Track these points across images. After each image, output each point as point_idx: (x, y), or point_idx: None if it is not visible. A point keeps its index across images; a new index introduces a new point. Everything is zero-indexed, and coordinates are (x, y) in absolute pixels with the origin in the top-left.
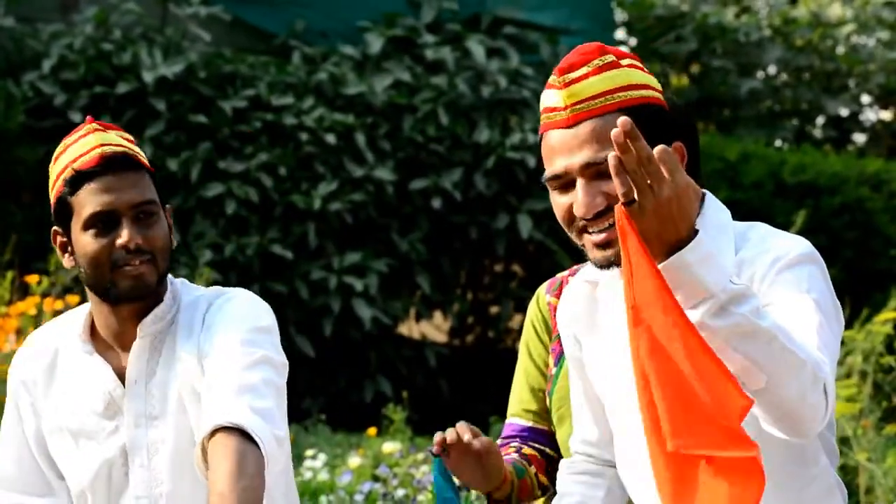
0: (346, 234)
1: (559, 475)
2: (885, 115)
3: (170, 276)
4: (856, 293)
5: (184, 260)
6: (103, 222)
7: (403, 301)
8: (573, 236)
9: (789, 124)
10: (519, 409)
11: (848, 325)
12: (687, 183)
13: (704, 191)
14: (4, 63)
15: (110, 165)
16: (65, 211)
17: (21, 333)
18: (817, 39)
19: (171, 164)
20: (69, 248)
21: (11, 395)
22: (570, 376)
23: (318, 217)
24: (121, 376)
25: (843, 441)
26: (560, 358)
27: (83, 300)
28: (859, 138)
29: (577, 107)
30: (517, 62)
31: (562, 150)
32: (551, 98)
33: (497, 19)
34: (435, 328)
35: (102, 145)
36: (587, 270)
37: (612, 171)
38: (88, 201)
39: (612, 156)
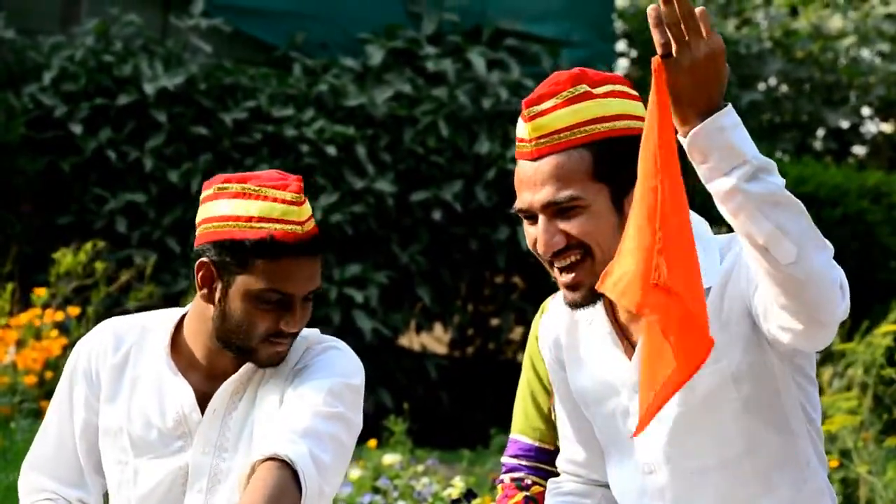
0: (346, 245)
1: (547, 496)
2: (886, 127)
3: None
4: (856, 305)
5: (184, 272)
6: (277, 301)
7: (404, 313)
8: (546, 267)
9: (790, 136)
10: (524, 426)
11: (848, 337)
12: (722, 47)
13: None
14: (5, 75)
15: (306, 249)
16: (237, 263)
17: (21, 345)
18: (818, 51)
19: (172, 175)
20: (218, 290)
21: (67, 382)
22: (556, 397)
23: (319, 228)
24: (199, 399)
25: (844, 454)
26: None
27: (83, 312)
28: (860, 150)
29: (541, 141)
30: (518, 74)
31: (527, 184)
32: (520, 128)
33: (498, 31)
34: (435, 340)
35: (303, 223)
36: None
37: (650, 22)
38: (272, 275)
39: (651, 7)
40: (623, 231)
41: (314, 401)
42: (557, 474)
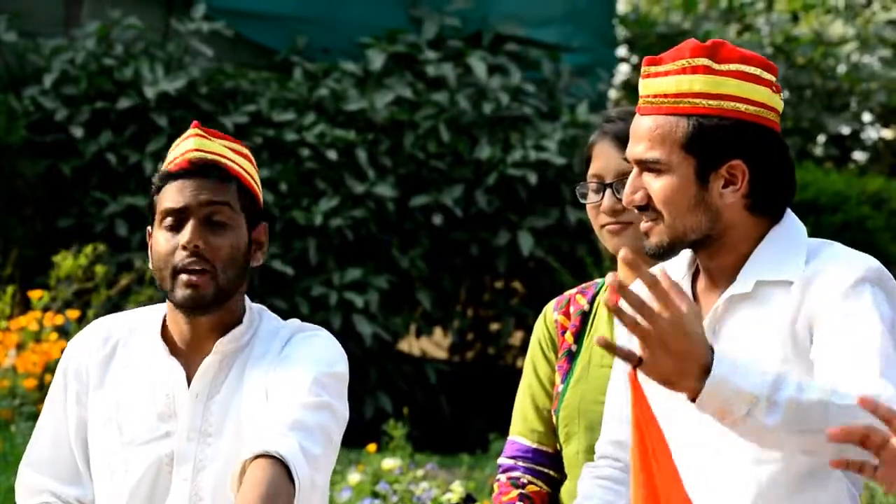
0: (346, 250)
1: (582, 478)
2: (887, 133)
3: (249, 300)
4: None
5: None
6: (173, 223)
7: (404, 317)
8: None
9: (790, 142)
10: (523, 428)
11: None
12: (681, 313)
13: (787, 210)
14: (6, 77)
15: (197, 170)
16: (151, 211)
17: (21, 348)
18: (819, 58)
19: None
20: (149, 249)
21: (60, 381)
22: (614, 375)
23: (319, 233)
24: (189, 383)
25: None
26: (567, 375)
27: (83, 315)
28: (860, 156)
29: (648, 100)
30: (519, 79)
31: (632, 136)
32: (640, 84)
33: (499, 36)
34: (435, 345)
35: (196, 150)
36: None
37: (622, 320)
38: (166, 198)
39: (607, 303)
40: (701, 206)
41: (300, 392)
42: (555, 477)
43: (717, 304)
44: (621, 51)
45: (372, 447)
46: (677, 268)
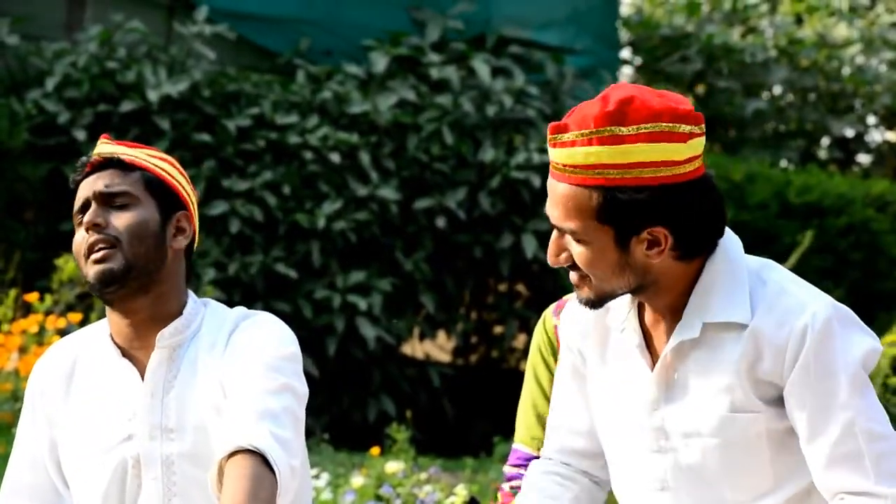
0: (350, 253)
1: (528, 472)
2: (891, 135)
3: (192, 293)
4: (861, 314)
5: None
6: (82, 215)
7: (407, 320)
8: None
9: (794, 145)
10: (525, 436)
11: None
12: None
13: (721, 239)
14: (8, 81)
15: (95, 168)
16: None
17: (24, 351)
18: (823, 60)
19: None
20: None
21: (29, 404)
22: (561, 383)
23: (322, 236)
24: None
25: None
26: None
27: (85, 318)
28: (864, 159)
29: (558, 167)
30: (522, 81)
31: (550, 198)
32: (549, 150)
33: (502, 39)
34: (439, 348)
35: (98, 154)
36: None
37: None
38: (75, 201)
39: None
40: (626, 268)
41: (258, 379)
42: None
43: (664, 352)
44: (625, 53)
45: (375, 450)
46: (621, 304)
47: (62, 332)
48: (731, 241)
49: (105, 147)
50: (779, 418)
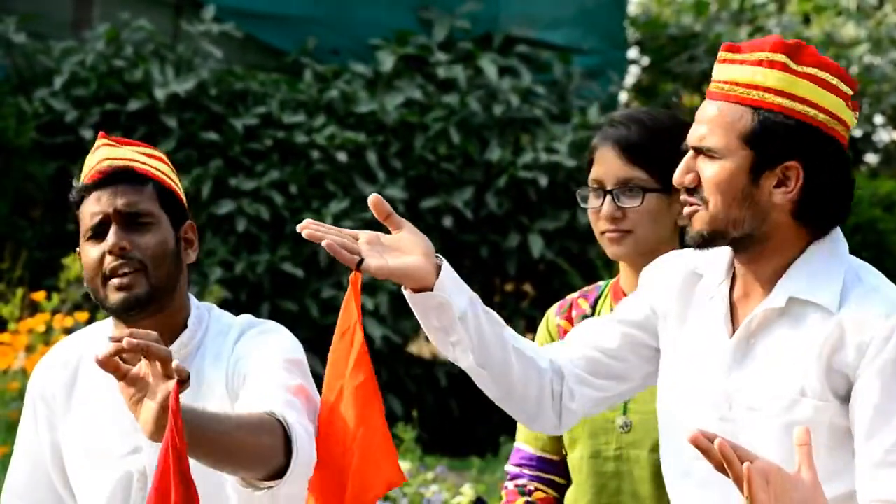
0: None
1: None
2: None
3: (195, 300)
4: None
5: (194, 278)
6: (96, 231)
7: (413, 320)
8: None
9: None
10: (527, 435)
11: None
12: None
13: (836, 228)
14: (16, 79)
15: (109, 179)
16: (78, 227)
17: (30, 350)
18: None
19: (182, 181)
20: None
21: (29, 407)
22: (613, 320)
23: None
24: None
25: None
26: None
27: (92, 317)
28: (872, 159)
29: (718, 85)
30: (529, 81)
31: (697, 119)
32: (714, 68)
33: (509, 38)
34: None
35: (107, 159)
36: (697, 258)
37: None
38: (85, 212)
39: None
40: (749, 201)
41: (277, 376)
42: (561, 483)
43: (751, 315)
44: (632, 53)
45: None
46: (716, 271)
47: (69, 331)
48: (839, 237)
49: (109, 152)
50: (842, 415)
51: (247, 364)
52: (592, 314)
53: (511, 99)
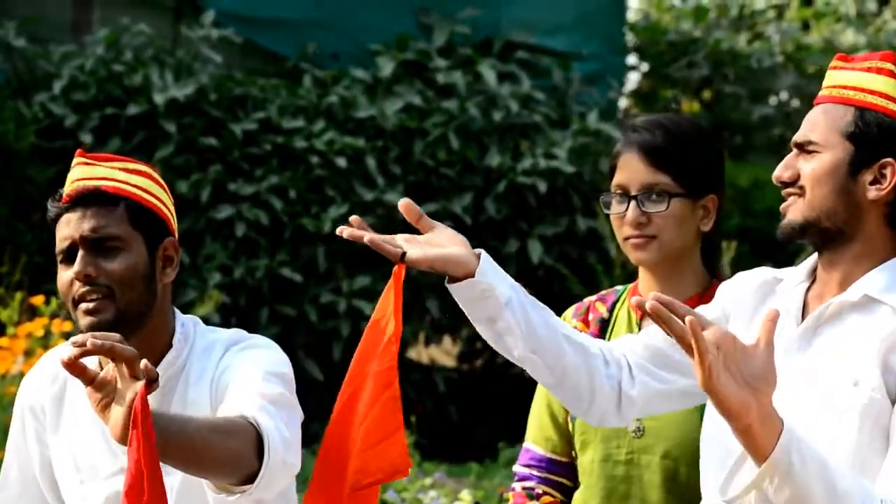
0: (355, 257)
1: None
2: None
3: (181, 315)
4: None
5: (193, 282)
6: (66, 255)
7: (413, 325)
8: None
9: None
10: (538, 436)
11: None
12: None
13: None
14: (16, 83)
15: (78, 201)
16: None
17: (29, 355)
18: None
19: (182, 186)
20: None
21: (19, 421)
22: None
23: (328, 240)
24: None
25: None
26: None
27: None
28: None
29: (828, 89)
30: (529, 87)
31: (804, 123)
32: (826, 75)
33: (509, 44)
34: (444, 353)
35: (79, 180)
36: (778, 271)
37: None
38: (59, 236)
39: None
40: (844, 196)
41: (256, 385)
42: (569, 486)
43: (822, 306)
44: (631, 59)
45: None
46: (797, 274)
47: (68, 336)
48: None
49: (82, 172)
50: (889, 415)
51: (228, 377)
52: (609, 318)
53: (510, 104)
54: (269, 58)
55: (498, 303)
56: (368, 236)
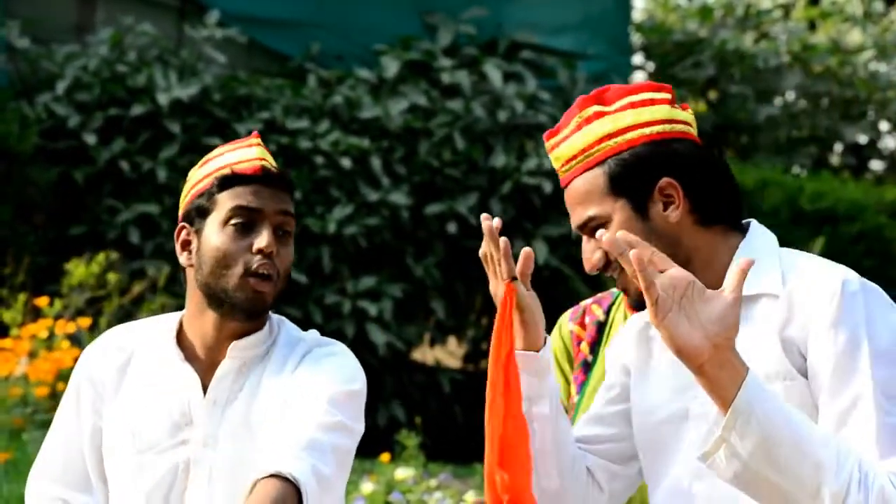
0: (360, 258)
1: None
2: None
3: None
4: None
5: None
6: (245, 222)
7: (418, 326)
8: None
9: (807, 151)
10: None
11: None
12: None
13: (751, 220)
14: (19, 84)
15: (269, 179)
16: (204, 207)
17: (33, 356)
18: (836, 66)
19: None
20: (191, 246)
21: (74, 389)
22: (598, 403)
23: (333, 241)
24: (204, 390)
25: None
26: (582, 386)
27: (95, 323)
28: (877, 165)
29: (563, 168)
30: (534, 87)
31: (568, 207)
32: (551, 159)
33: (514, 44)
34: (449, 354)
35: (264, 160)
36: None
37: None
38: (237, 197)
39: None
40: (653, 237)
41: (315, 411)
42: None
43: None
44: (637, 58)
45: (385, 457)
46: None
47: (71, 337)
48: (763, 230)
49: (269, 157)
50: (809, 390)
51: (300, 388)
52: (606, 320)
53: (516, 105)
54: (274, 58)
55: (546, 387)
56: (505, 239)
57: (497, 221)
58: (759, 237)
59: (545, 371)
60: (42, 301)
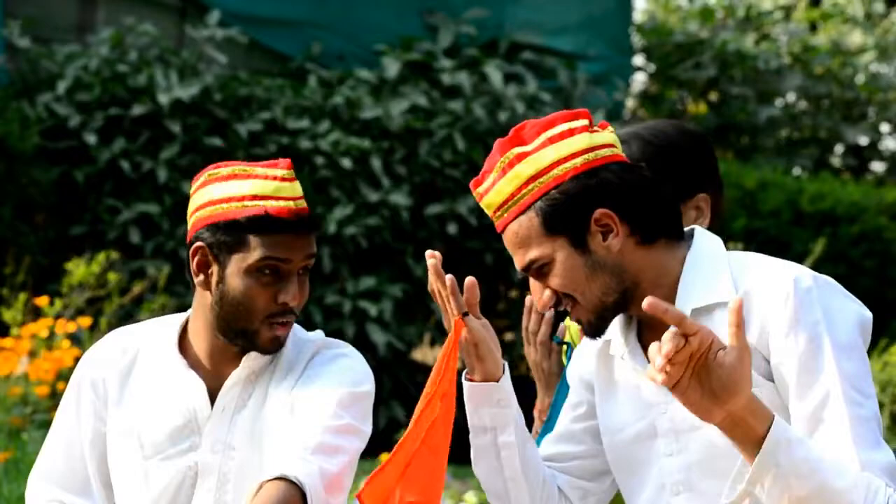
0: (360, 258)
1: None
2: None
3: None
4: (873, 323)
5: None
6: (274, 272)
7: (418, 326)
8: None
9: (808, 152)
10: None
11: None
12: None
13: (693, 226)
14: (19, 84)
15: (301, 226)
16: (233, 241)
17: (33, 355)
18: (837, 67)
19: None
20: (214, 274)
21: (74, 391)
22: (566, 416)
23: (333, 241)
24: (210, 396)
25: None
26: None
27: (95, 322)
28: (878, 167)
29: (496, 216)
30: (535, 87)
31: (510, 251)
32: (483, 206)
33: (515, 44)
34: None
35: (296, 200)
36: (610, 330)
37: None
38: (268, 248)
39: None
40: (598, 270)
41: (323, 414)
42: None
43: None
44: (638, 59)
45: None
46: (616, 336)
47: (72, 337)
48: (708, 236)
49: (300, 192)
50: (777, 393)
51: (308, 391)
52: None
53: (516, 105)
54: (275, 58)
55: (510, 415)
56: (451, 277)
57: (438, 256)
58: (706, 244)
59: (508, 399)
60: (42, 300)
